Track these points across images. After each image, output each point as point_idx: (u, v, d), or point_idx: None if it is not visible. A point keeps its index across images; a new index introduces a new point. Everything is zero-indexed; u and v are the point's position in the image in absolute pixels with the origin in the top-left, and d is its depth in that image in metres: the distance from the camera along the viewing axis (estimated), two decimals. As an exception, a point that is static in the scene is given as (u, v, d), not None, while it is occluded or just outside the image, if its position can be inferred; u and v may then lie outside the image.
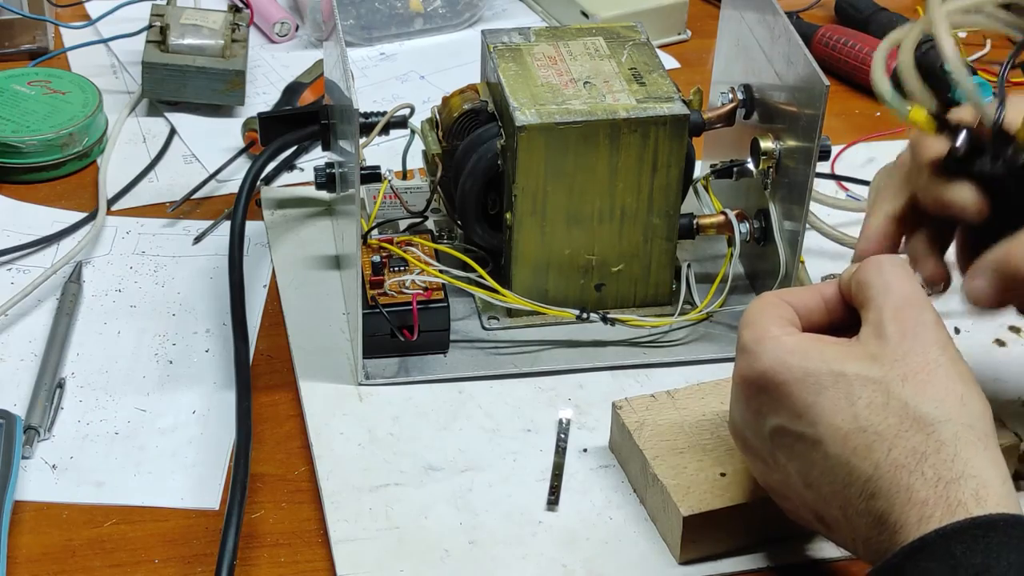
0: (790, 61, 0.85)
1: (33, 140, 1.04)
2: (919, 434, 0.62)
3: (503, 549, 0.76)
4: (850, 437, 0.63)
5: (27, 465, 0.80)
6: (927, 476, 0.61)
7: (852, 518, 0.64)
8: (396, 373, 0.87)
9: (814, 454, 0.65)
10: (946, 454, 0.61)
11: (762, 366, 0.67)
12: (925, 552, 0.59)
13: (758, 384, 0.67)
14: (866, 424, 0.63)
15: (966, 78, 0.69)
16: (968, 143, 0.72)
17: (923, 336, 0.65)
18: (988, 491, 0.60)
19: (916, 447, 0.62)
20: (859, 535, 0.64)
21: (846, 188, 1.06)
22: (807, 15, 1.28)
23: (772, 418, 0.67)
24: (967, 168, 0.72)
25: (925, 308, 0.66)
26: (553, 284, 0.90)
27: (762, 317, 0.68)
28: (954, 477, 0.61)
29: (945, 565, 0.57)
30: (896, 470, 0.62)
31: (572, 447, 0.82)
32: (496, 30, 0.93)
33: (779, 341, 0.67)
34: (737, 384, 0.69)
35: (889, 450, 0.62)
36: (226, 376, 0.86)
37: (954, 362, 0.65)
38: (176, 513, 0.78)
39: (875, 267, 0.68)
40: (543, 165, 0.85)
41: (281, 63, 1.21)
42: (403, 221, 0.94)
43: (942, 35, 0.70)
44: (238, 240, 0.93)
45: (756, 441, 0.69)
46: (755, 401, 0.68)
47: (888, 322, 0.65)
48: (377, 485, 0.79)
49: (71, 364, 0.87)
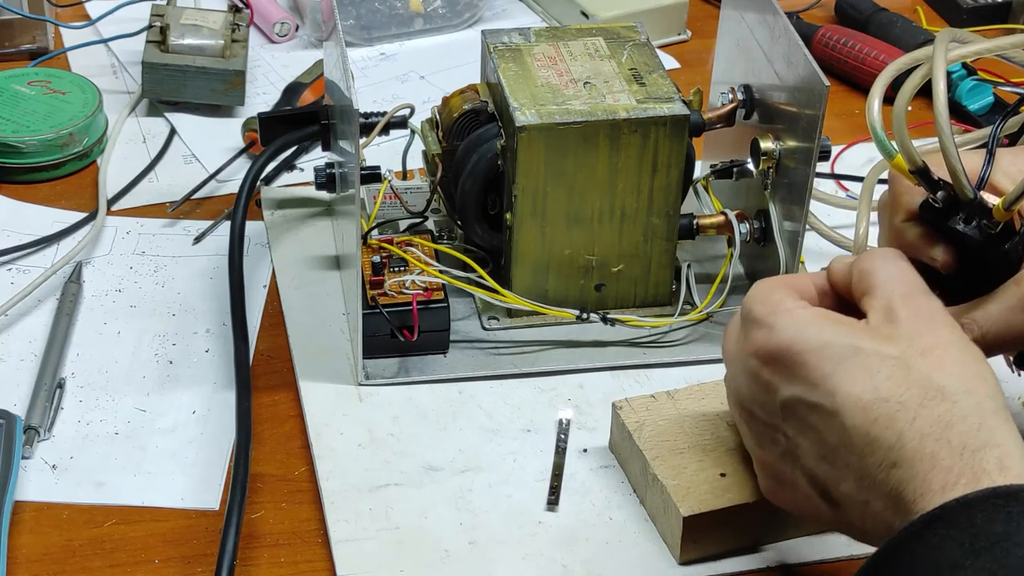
0: (790, 61, 0.85)
1: (33, 140, 1.04)
2: (944, 403, 0.62)
3: (503, 549, 0.76)
4: (871, 407, 0.63)
5: (27, 465, 0.80)
6: (952, 444, 0.61)
7: (867, 490, 0.63)
8: (396, 373, 0.87)
9: (831, 425, 0.64)
10: (971, 423, 0.61)
11: (779, 337, 0.67)
12: (944, 520, 0.58)
13: (774, 355, 0.67)
14: (887, 395, 0.63)
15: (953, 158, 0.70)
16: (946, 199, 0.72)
17: (935, 318, 0.66)
18: (1011, 461, 0.60)
19: (941, 416, 0.62)
20: (869, 511, 0.63)
21: (846, 188, 1.06)
22: (807, 15, 1.28)
23: (785, 390, 0.66)
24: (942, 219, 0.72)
25: (931, 295, 0.67)
26: (553, 284, 0.90)
27: (773, 293, 0.69)
28: (979, 446, 0.61)
29: (965, 533, 0.57)
30: (922, 439, 0.61)
31: (572, 447, 0.82)
32: (496, 30, 0.93)
33: (794, 313, 0.67)
34: (748, 356, 0.68)
35: (914, 419, 0.62)
36: (226, 376, 0.86)
37: (965, 342, 0.65)
38: (176, 513, 0.78)
39: (878, 257, 0.69)
40: (543, 165, 0.85)
41: (281, 63, 1.21)
42: (403, 221, 0.94)
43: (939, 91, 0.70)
44: (238, 240, 0.93)
45: (765, 415, 0.69)
46: (768, 372, 0.67)
47: (899, 307, 0.66)
48: (377, 485, 0.79)
49: (71, 364, 0.87)
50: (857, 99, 1.18)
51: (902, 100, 0.72)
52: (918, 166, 0.71)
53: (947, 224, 0.72)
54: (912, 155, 0.71)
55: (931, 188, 0.72)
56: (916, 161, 0.71)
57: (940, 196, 0.72)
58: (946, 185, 0.71)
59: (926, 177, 0.72)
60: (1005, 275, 0.73)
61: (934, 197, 0.72)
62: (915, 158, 0.71)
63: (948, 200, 0.72)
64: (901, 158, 0.71)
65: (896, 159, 0.72)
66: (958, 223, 0.72)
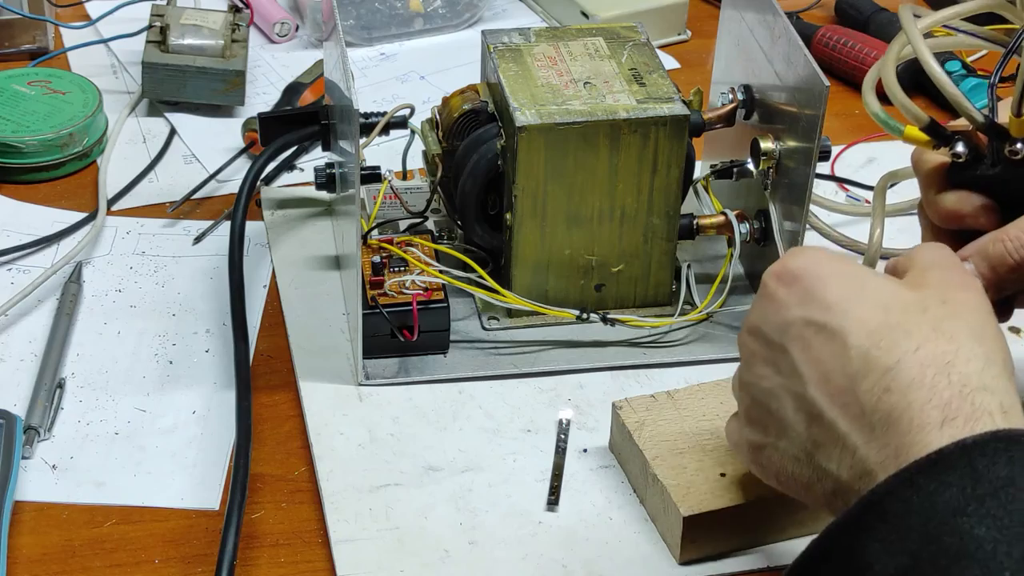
0: (790, 61, 0.85)
1: (33, 140, 1.04)
2: (951, 344, 0.60)
3: (503, 549, 0.76)
4: (876, 331, 0.61)
5: (27, 465, 0.80)
6: (952, 380, 0.58)
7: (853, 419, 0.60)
8: (396, 373, 0.87)
9: (833, 346, 0.62)
10: (974, 367, 0.59)
11: (804, 259, 0.66)
12: (942, 464, 0.55)
13: (795, 274, 0.65)
14: (896, 323, 0.61)
15: (948, 84, 0.70)
16: (968, 150, 0.72)
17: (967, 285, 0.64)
18: (1014, 408, 0.58)
19: (945, 352, 0.59)
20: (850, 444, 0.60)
21: (846, 189, 1.06)
22: (807, 15, 1.28)
23: (798, 309, 0.64)
24: (972, 175, 0.73)
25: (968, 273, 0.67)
26: (553, 284, 0.90)
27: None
28: (980, 387, 0.58)
29: (966, 478, 0.54)
30: (922, 367, 0.59)
31: (572, 447, 0.82)
32: (496, 30, 0.93)
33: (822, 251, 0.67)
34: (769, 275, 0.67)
35: (917, 348, 0.60)
36: (226, 376, 0.86)
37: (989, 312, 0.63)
38: (176, 513, 0.78)
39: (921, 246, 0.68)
40: (543, 165, 0.85)
41: (281, 63, 1.21)
42: (403, 221, 0.94)
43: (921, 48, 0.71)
44: (238, 240, 0.93)
45: (771, 333, 0.66)
46: (784, 290, 0.65)
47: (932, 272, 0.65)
48: (377, 485, 0.79)
49: (71, 364, 0.87)
50: (857, 99, 1.18)
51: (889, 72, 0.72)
52: (926, 122, 0.71)
53: (977, 175, 0.72)
54: (916, 113, 0.71)
55: (946, 141, 0.72)
56: (922, 118, 0.71)
57: (960, 150, 0.72)
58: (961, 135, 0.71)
59: (938, 132, 0.72)
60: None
61: (956, 152, 0.72)
62: (920, 115, 0.71)
63: (970, 149, 0.72)
64: (911, 129, 0.71)
65: (906, 130, 0.72)
66: (987, 170, 0.72)
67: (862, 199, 1.04)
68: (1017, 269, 0.72)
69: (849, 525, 0.57)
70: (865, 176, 1.06)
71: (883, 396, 0.59)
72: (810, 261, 0.66)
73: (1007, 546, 0.53)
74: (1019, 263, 0.72)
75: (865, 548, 0.56)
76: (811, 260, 0.66)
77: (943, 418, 0.57)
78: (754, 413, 0.68)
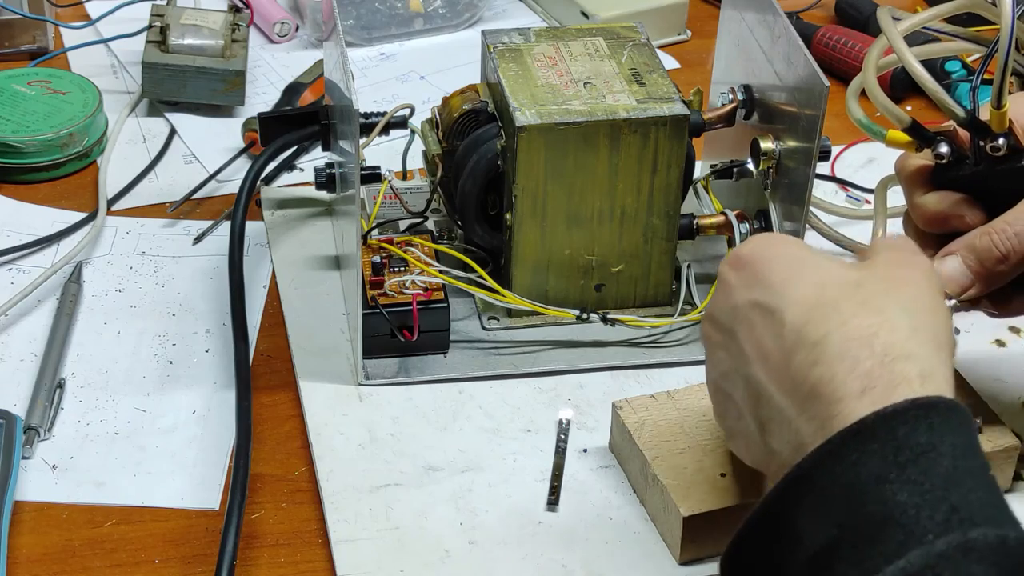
0: (790, 61, 0.85)
1: (33, 140, 1.04)
2: (878, 317, 0.61)
3: (503, 549, 0.76)
4: (810, 309, 0.62)
5: (27, 465, 0.80)
6: (875, 350, 0.59)
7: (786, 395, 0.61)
8: (396, 373, 0.87)
9: (772, 325, 0.63)
10: (899, 336, 0.60)
11: (754, 244, 0.67)
12: (864, 434, 0.56)
13: (744, 259, 0.67)
14: (828, 300, 0.62)
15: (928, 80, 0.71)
16: (951, 150, 0.72)
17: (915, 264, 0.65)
18: (936, 376, 0.59)
19: (871, 325, 0.60)
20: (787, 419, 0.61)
21: (846, 189, 1.06)
22: (807, 15, 1.28)
23: (744, 292, 0.66)
24: (956, 175, 0.73)
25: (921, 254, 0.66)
26: (553, 284, 0.90)
27: None
28: (902, 355, 0.59)
29: (888, 447, 0.56)
30: (846, 341, 0.60)
31: (572, 447, 0.82)
32: (496, 30, 0.93)
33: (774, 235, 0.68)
34: (724, 264, 0.68)
35: (844, 323, 0.60)
36: (226, 376, 0.86)
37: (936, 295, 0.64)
38: (176, 513, 0.78)
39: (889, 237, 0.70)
40: (543, 165, 0.85)
41: (281, 63, 1.21)
42: (403, 221, 0.94)
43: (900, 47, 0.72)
44: (238, 240, 0.93)
45: (722, 318, 0.67)
46: (734, 275, 0.67)
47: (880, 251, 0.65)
48: (377, 485, 0.79)
49: (71, 364, 0.87)
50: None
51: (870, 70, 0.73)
52: (907, 124, 0.72)
53: (960, 175, 0.72)
54: (898, 115, 0.72)
55: (928, 142, 0.73)
56: (904, 119, 0.72)
57: (943, 151, 0.72)
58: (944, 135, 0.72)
59: (920, 133, 0.72)
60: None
61: (939, 152, 0.73)
62: (902, 116, 0.72)
63: (953, 150, 0.72)
64: (894, 133, 0.72)
65: (889, 134, 0.73)
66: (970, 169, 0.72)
67: (862, 199, 1.04)
68: (1004, 260, 0.73)
69: (779, 499, 0.58)
70: (865, 176, 1.06)
71: (811, 370, 0.60)
72: (758, 246, 0.67)
73: (929, 510, 0.54)
74: (1006, 255, 0.73)
75: (795, 521, 0.57)
76: (759, 244, 0.67)
77: (863, 387, 0.58)
78: (718, 400, 0.70)
